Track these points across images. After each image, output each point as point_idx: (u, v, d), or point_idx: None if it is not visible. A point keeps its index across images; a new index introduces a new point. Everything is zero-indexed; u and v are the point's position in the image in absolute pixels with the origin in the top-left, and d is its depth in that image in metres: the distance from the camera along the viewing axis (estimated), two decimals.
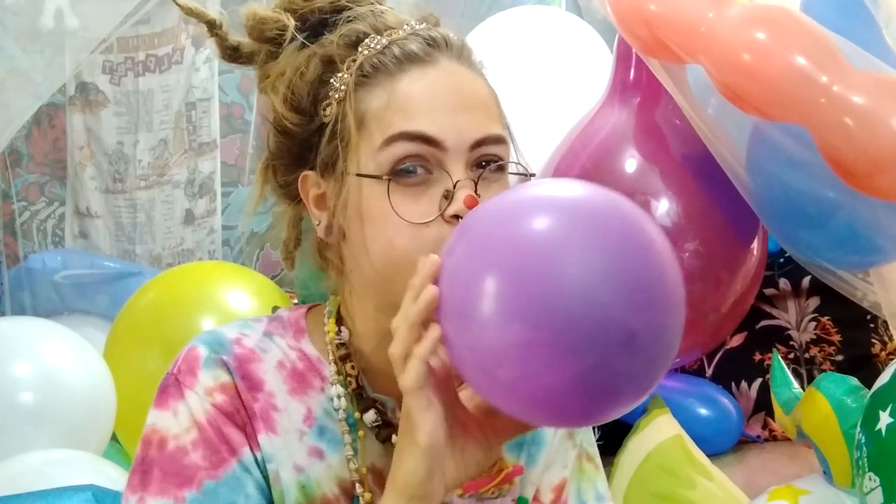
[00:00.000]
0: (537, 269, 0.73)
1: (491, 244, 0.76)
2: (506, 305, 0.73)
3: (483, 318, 0.74)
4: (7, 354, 2.14)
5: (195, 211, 3.28)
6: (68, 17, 2.28)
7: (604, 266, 0.74)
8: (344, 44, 0.90)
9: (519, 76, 2.35)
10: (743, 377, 2.56)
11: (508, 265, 0.74)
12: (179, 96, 3.24)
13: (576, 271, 0.73)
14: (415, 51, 0.88)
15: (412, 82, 0.87)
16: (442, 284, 0.78)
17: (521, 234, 0.75)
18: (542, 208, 0.77)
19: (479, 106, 0.89)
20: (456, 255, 0.78)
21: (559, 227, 0.76)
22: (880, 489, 1.57)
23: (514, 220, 0.77)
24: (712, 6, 1.59)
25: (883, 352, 2.46)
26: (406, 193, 0.85)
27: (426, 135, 0.85)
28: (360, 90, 0.88)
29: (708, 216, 2.01)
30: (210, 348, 0.90)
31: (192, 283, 2.38)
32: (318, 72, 0.91)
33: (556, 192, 0.80)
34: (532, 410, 0.77)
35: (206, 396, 0.88)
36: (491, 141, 0.87)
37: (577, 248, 0.74)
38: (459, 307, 0.76)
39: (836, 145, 1.47)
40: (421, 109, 0.86)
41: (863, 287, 1.88)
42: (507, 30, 2.48)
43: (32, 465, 1.92)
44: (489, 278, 0.74)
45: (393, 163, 0.85)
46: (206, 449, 0.86)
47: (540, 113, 2.33)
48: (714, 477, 1.94)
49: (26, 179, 3.27)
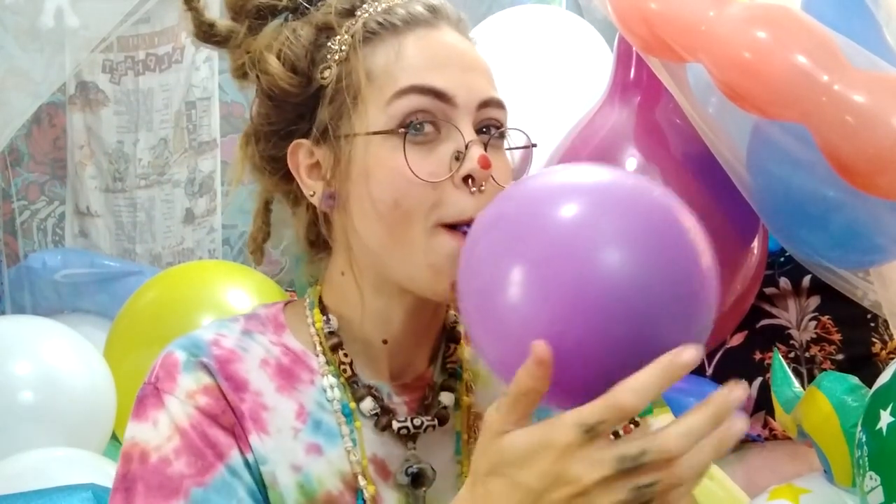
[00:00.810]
0: (571, 258, 0.72)
1: (520, 234, 0.74)
2: (541, 290, 0.72)
3: (518, 302, 0.72)
4: (7, 353, 2.14)
5: (195, 210, 3.28)
6: (68, 16, 2.28)
7: (646, 271, 0.73)
8: (340, 12, 0.89)
9: (519, 75, 2.35)
10: (743, 376, 2.55)
11: (540, 254, 0.72)
12: (179, 95, 3.24)
13: (615, 277, 0.71)
14: (421, 12, 0.88)
15: (419, 40, 0.86)
16: (466, 281, 0.76)
17: (549, 221, 0.73)
18: (570, 194, 0.75)
19: (483, 71, 0.89)
20: (479, 251, 0.76)
21: (589, 216, 0.74)
22: (881, 488, 1.56)
23: (543, 207, 0.74)
24: (713, 5, 1.59)
25: (883, 351, 2.45)
26: (414, 151, 0.83)
27: (437, 89, 0.84)
28: (366, 47, 0.86)
29: (708, 215, 1.98)
30: (188, 352, 0.88)
31: (193, 282, 2.38)
32: (312, 37, 0.89)
33: (584, 177, 0.78)
34: (556, 401, 0.75)
35: (188, 400, 0.84)
36: (495, 104, 0.88)
37: (618, 251, 0.73)
38: (490, 295, 0.74)
39: (836, 144, 1.47)
40: (431, 65, 0.85)
41: (863, 286, 1.88)
42: (508, 29, 2.48)
43: (33, 464, 1.92)
44: (521, 266, 0.72)
45: (402, 116, 0.83)
46: (191, 455, 0.82)
47: (540, 112, 2.32)
48: (714, 476, 1.94)
49: (26, 178, 3.27)
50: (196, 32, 0.95)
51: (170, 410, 0.84)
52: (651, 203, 0.78)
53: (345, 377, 0.89)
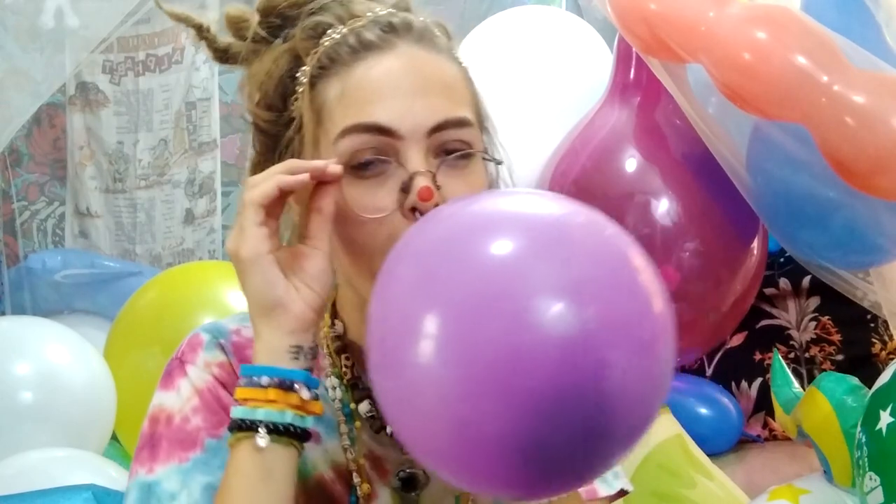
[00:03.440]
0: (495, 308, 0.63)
1: (438, 272, 0.66)
2: (446, 351, 0.64)
3: (417, 360, 0.65)
4: (7, 354, 2.14)
5: (195, 210, 3.28)
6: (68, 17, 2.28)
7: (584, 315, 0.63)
8: (307, 37, 0.89)
9: (519, 76, 2.35)
10: (743, 377, 2.56)
11: (457, 302, 0.64)
12: (179, 96, 3.24)
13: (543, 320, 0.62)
14: (370, 38, 0.86)
15: (367, 70, 0.85)
16: (375, 312, 0.72)
17: (474, 262, 0.65)
18: (497, 229, 0.67)
19: (441, 89, 0.85)
20: (391, 289, 0.70)
21: (520, 258, 0.65)
22: (881, 488, 1.57)
23: (464, 244, 0.67)
24: (713, 5, 1.59)
25: (883, 351, 2.45)
26: (363, 186, 0.83)
27: (378, 125, 0.82)
28: (319, 82, 0.87)
29: (708, 216, 2.01)
30: (211, 334, 0.95)
31: (192, 282, 2.38)
32: (286, 67, 0.90)
33: (519, 208, 0.70)
34: (458, 473, 0.69)
35: (206, 368, 0.92)
36: (452, 125, 0.84)
37: (541, 289, 0.63)
38: (394, 345, 0.68)
39: (836, 145, 1.47)
40: (373, 98, 0.83)
41: (863, 286, 1.88)
42: (508, 29, 2.48)
43: (33, 464, 1.92)
44: (430, 317, 0.65)
45: (348, 156, 0.83)
46: (207, 412, 0.89)
47: (540, 113, 2.32)
48: (714, 476, 1.94)
49: (26, 179, 3.27)
50: (214, 57, 0.97)
51: (190, 377, 0.92)
52: (599, 246, 0.68)
53: (346, 380, 0.93)
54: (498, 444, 0.63)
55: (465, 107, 0.87)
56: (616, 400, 0.64)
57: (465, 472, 0.67)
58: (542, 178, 2.23)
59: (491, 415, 0.63)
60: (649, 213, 2.01)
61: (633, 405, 0.65)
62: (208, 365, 0.92)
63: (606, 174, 2.08)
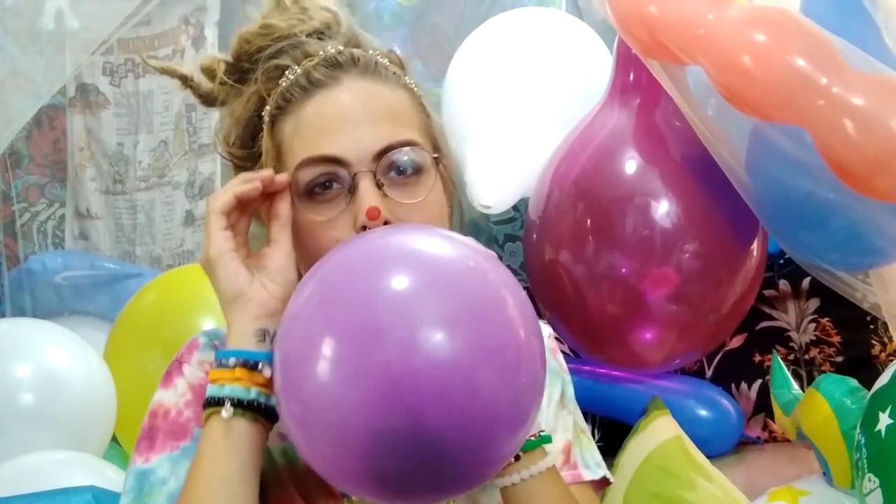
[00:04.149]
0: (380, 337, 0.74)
1: (339, 298, 0.77)
2: (346, 372, 0.74)
3: (319, 378, 0.75)
4: (7, 356, 2.14)
5: (195, 212, 3.28)
6: (69, 18, 2.28)
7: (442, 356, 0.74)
8: (267, 79, 1.00)
9: (519, 77, 2.35)
10: (743, 378, 2.56)
11: (348, 330, 0.75)
12: (179, 98, 3.24)
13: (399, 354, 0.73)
14: (318, 77, 0.96)
15: (317, 107, 0.95)
16: (280, 339, 0.83)
17: (369, 292, 0.76)
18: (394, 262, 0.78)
19: (386, 116, 0.95)
20: (299, 305, 0.81)
21: (413, 289, 0.76)
22: (880, 490, 1.56)
23: (363, 274, 0.78)
24: (712, 7, 1.59)
25: (883, 353, 2.45)
26: (320, 210, 0.94)
27: (329, 156, 0.93)
28: (278, 121, 0.98)
29: (708, 217, 2.01)
30: (207, 337, 1.06)
31: (192, 284, 2.38)
32: (253, 108, 1.01)
33: (414, 245, 0.81)
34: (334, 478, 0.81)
35: (200, 366, 1.02)
36: (396, 147, 0.94)
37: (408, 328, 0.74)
38: (293, 366, 0.79)
39: (835, 147, 1.47)
40: (323, 132, 0.94)
41: (862, 288, 1.88)
42: (508, 31, 2.48)
43: (33, 467, 1.92)
44: (332, 337, 0.76)
45: (306, 186, 0.95)
46: (197, 405, 0.99)
47: (540, 114, 2.33)
48: (714, 478, 1.94)
49: (27, 181, 3.28)
50: (200, 102, 1.09)
51: (185, 375, 1.02)
52: (473, 283, 0.79)
53: None
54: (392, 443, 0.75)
55: (411, 129, 0.97)
56: (483, 407, 0.76)
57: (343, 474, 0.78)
58: (542, 180, 2.23)
59: (379, 417, 0.74)
60: (649, 215, 2.01)
61: (504, 414, 0.77)
62: (202, 363, 1.02)
63: (606, 175, 2.08)
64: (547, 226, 2.17)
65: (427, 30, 2.97)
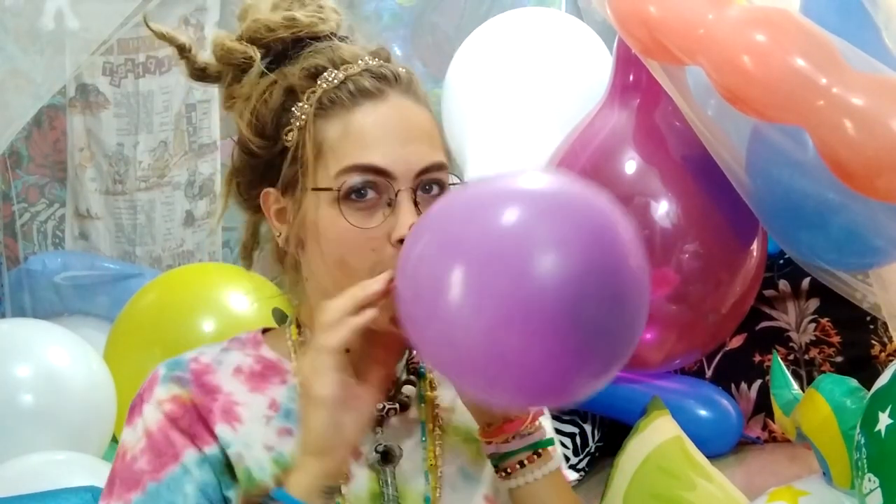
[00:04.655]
0: (508, 259, 0.80)
1: (459, 236, 0.83)
2: (480, 292, 0.80)
3: (457, 305, 0.81)
4: (8, 356, 2.15)
5: (195, 212, 3.29)
6: (69, 19, 2.28)
7: (573, 260, 0.80)
8: (305, 76, 1.00)
9: (519, 77, 2.35)
10: (743, 378, 2.56)
11: (479, 255, 0.81)
12: (179, 98, 3.24)
13: (545, 265, 0.80)
14: (367, 87, 0.99)
15: (365, 116, 0.98)
16: (404, 282, 0.87)
17: (489, 225, 0.83)
18: (507, 199, 0.85)
19: (424, 137, 1.00)
20: (417, 252, 0.86)
21: (525, 219, 0.82)
22: (879, 490, 1.57)
23: (481, 211, 0.84)
24: (711, 8, 1.60)
25: (882, 353, 2.45)
26: (359, 214, 0.96)
27: (377, 167, 0.96)
28: (319, 120, 0.99)
29: (707, 217, 2.01)
30: (168, 368, 1.04)
31: (192, 284, 2.38)
32: (280, 100, 1.01)
33: (514, 183, 0.88)
34: (512, 392, 0.85)
35: (158, 406, 1.00)
36: (434, 168, 0.99)
37: (544, 242, 0.81)
38: (430, 299, 0.83)
39: (835, 147, 1.47)
40: (372, 143, 0.97)
41: (862, 288, 1.89)
42: (508, 31, 2.49)
43: (33, 467, 1.92)
44: (460, 268, 0.81)
45: (348, 189, 0.96)
46: (151, 454, 0.98)
47: (540, 114, 2.33)
48: (714, 478, 1.94)
49: (27, 181, 3.28)
50: (190, 75, 1.09)
51: (144, 416, 1.01)
52: (583, 208, 0.86)
53: None
54: (517, 351, 0.81)
55: (441, 151, 1.02)
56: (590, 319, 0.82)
57: (505, 373, 0.82)
58: None
59: (510, 331, 0.81)
60: (649, 215, 2.01)
61: (606, 335, 0.84)
62: (160, 403, 1.00)
63: (606, 176, 2.09)
64: None
65: (427, 30, 2.97)
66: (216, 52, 1.06)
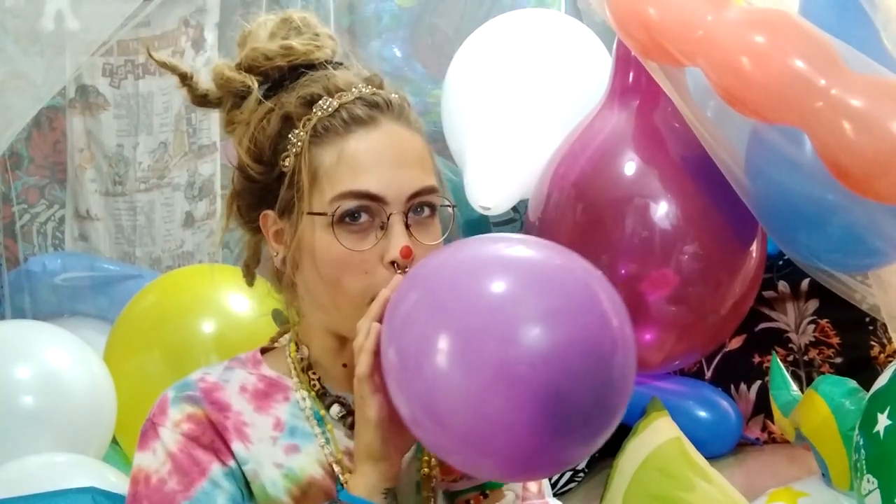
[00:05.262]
0: (496, 328, 0.84)
1: (446, 303, 0.87)
2: (468, 356, 0.84)
3: (445, 367, 0.84)
4: (7, 358, 2.14)
5: (195, 213, 3.28)
6: (68, 20, 2.28)
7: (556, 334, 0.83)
8: (300, 103, 1.04)
9: (518, 78, 2.35)
10: (742, 379, 2.56)
11: (468, 322, 0.85)
12: (179, 99, 3.24)
13: (529, 335, 0.83)
14: (360, 115, 1.03)
15: (358, 143, 1.02)
16: (390, 338, 0.91)
17: (476, 294, 0.86)
18: (496, 267, 0.88)
19: (415, 161, 1.04)
20: (404, 312, 0.90)
21: (513, 289, 0.86)
22: (878, 491, 1.57)
23: (470, 278, 0.88)
24: (711, 9, 1.60)
25: (882, 354, 2.46)
26: (351, 238, 1.00)
27: (371, 193, 1.00)
28: (314, 147, 1.03)
29: (707, 219, 2.02)
30: (176, 390, 1.07)
31: (192, 285, 2.38)
32: (277, 127, 1.05)
33: (502, 251, 0.92)
34: (496, 458, 0.87)
35: (175, 428, 1.03)
36: (425, 192, 1.03)
37: (531, 314, 0.84)
38: (412, 360, 0.87)
39: (834, 148, 1.48)
40: (366, 169, 1.01)
41: (861, 290, 1.89)
42: (507, 32, 2.49)
43: (33, 469, 1.92)
44: (446, 335, 0.85)
45: (342, 214, 1.00)
46: (179, 475, 1.02)
47: (539, 115, 2.33)
48: (713, 479, 1.94)
49: (26, 182, 3.28)
50: (192, 101, 1.14)
51: (163, 440, 1.03)
52: (568, 279, 0.89)
53: (315, 391, 1.08)
54: (498, 419, 0.84)
55: (432, 175, 1.05)
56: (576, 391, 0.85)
57: (483, 444, 0.86)
58: (542, 181, 2.24)
59: (494, 404, 0.84)
60: (648, 216, 2.02)
61: (592, 405, 0.86)
62: (177, 424, 1.04)
63: (605, 177, 2.09)
64: (546, 227, 2.17)
65: (427, 31, 2.97)
66: (216, 80, 1.10)
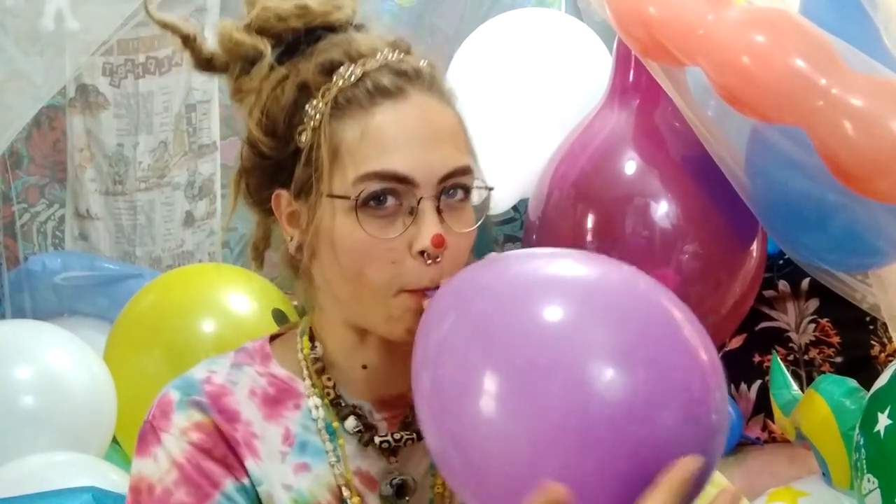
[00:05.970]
0: (562, 369, 0.68)
1: (494, 331, 0.72)
2: (523, 401, 0.69)
3: (490, 410, 0.70)
4: (7, 357, 2.14)
5: (195, 213, 3.28)
6: (68, 19, 2.28)
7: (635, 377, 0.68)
8: (319, 71, 0.92)
9: (519, 78, 2.35)
10: (742, 379, 2.57)
11: (523, 360, 0.70)
12: (179, 98, 3.24)
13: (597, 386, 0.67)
14: (386, 85, 0.90)
15: (384, 117, 0.89)
16: (423, 360, 0.78)
17: (533, 325, 0.71)
18: (557, 293, 0.73)
19: (448, 138, 0.91)
20: (441, 335, 0.77)
21: (576, 320, 0.70)
22: (878, 490, 1.57)
23: (523, 307, 0.73)
24: (711, 9, 1.60)
25: (882, 353, 2.46)
26: (375, 223, 0.88)
27: (399, 174, 0.88)
28: (335, 121, 0.90)
29: (707, 218, 2.01)
30: (181, 391, 0.94)
31: (192, 285, 2.38)
32: (293, 97, 0.93)
33: (565, 271, 0.77)
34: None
35: (182, 436, 0.92)
36: (458, 173, 0.90)
37: (599, 355, 0.68)
38: (452, 392, 0.74)
39: (834, 148, 1.48)
40: (392, 147, 0.88)
41: (862, 289, 1.89)
42: (507, 31, 2.49)
43: (33, 469, 1.92)
44: (496, 370, 0.71)
45: (367, 196, 0.88)
46: (189, 485, 0.90)
47: (540, 115, 2.33)
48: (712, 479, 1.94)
49: (26, 181, 3.27)
50: (196, 65, 1.01)
51: (166, 446, 0.92)
52: (642, 304, 0.73)
53: (328, 399, 0.96)
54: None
55: (466, 153, 0.93)
56: (667, 454, 0.68)
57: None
58: (542, 181, 2.23)
59: (550, 464, 0.68)
60: (648, 216, 2.02)
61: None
62: (184, 432, 0.92)
63: (606, 176, 2.09)
64: (547, 226, 2.17)
65: (427, 31, 2.97)
66: (223, 43, 0.98)
